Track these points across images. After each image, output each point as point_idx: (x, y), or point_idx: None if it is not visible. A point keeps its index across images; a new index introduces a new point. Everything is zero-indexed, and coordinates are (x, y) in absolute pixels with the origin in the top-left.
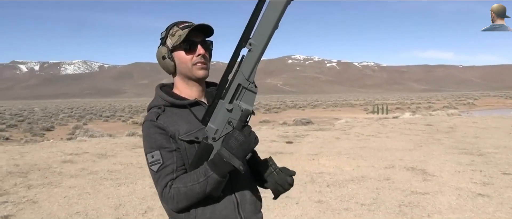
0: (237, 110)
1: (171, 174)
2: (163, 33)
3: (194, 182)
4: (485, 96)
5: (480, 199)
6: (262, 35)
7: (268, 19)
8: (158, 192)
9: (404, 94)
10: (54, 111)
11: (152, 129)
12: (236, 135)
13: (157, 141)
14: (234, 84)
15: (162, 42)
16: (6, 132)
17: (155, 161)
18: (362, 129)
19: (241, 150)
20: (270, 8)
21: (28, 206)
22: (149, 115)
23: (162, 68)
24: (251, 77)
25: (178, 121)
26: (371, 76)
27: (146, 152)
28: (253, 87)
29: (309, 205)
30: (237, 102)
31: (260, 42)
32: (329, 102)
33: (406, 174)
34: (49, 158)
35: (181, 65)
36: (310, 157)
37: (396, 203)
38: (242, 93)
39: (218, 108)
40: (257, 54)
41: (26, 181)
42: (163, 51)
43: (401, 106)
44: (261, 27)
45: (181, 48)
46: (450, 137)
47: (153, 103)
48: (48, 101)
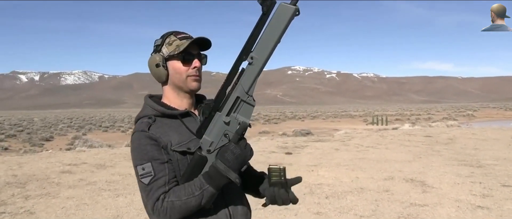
0: (234, 123)
1: (163, 187)
2: (158, 40)
3: (189, 195)
4: (485, 108)
5: (479, 211)
6: (264, 49)
7: (271, 33)
8: (148, 205)
9: (403, 105)
10: (54, 121)
11: (143, 140)
12: (232, 148)
13: (149, 152)
14: (233, 97)
15: (157, 50)
16: (5, 142)
17: (146, 173)
18: (361, 140)
19: (236, 163)
20: (274, 22)
21: (25, 217)
22: (139, 125)
23: (153, 75)
24: (251, 90)
25: (169, 132)
26: (370, 87)
27: (135, 164)
28: (252, 100)
29: (308, 216)
30: (234, 115)
31: (262, 56)
32: (329, 113)
33: (405, 186)
34: (48, 168)
35: (175, 75)
36: (309, 168)
37: (395, 215)
38: (240, 106)
39: (214, 120)
40: (258, 68)
41: (24, 191)
42: (158, 58)
43: (401, 117)
44: (263, 41)
45: (177, 58)
46: (449, 148)
47: (142, 113)
48: (48, 111)
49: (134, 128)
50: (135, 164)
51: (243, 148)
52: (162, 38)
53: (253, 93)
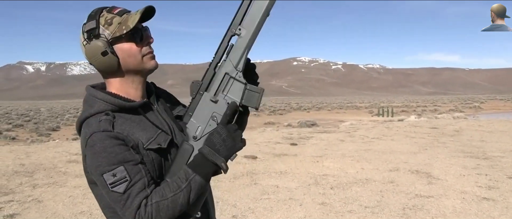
0: (223, 103)
1: (144, 191)
2: (89, 23)
3: (175, 191)
4: (492, 100)
5: (485, 203)
6: (252, 21)
7: (259, 5)
8: (129, 217)
9: (409, 97)
10: (60, 111)
11: (108, 141)
12: (219, 129)
13: (118, 154)
14: (220, 74)
15: (93, 35)
16: (13, 132)
17: (118, 180)
18: (367, 131)
19: (224, 147)
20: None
21: (33, 205)
22: (97, 125)
23: (98, 67)
24: (240, 65)
25: (134, 129)
26: (376, 78)
27: (101, 172)
28: (241, 76)
29: (313, 207)
30: (222, 95)
31: (250, 27)
32: (334, 104)
33: (411, 177)
34: (55, 158)
35: (129, 59)
36: (314, 159)
37: (400, 206)
38: (229, 83)
39: (201, 101)
40: (246, 40)
41: (32, 180)
42: (101, 44)
43: (407, 109)
44: (252, 12)
45: (126, 38)
46: (455, 140)
47: (93, 109)
48: (54, 102)
49: (88, 129)
50: (101, 172)
51: (232, 131)
52: (93, 19)
53: (242, 69)
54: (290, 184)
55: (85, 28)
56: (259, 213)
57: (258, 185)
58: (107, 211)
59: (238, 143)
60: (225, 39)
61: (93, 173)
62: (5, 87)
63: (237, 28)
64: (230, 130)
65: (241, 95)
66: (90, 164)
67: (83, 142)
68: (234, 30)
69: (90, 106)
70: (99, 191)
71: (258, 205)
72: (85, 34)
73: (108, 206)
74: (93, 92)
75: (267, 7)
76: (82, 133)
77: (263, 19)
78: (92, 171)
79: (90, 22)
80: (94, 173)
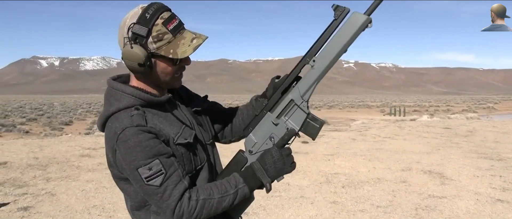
0: (282, 127)
1: (181, 183)
2: (140, 27)
3: (223, 193)
4: (506, 100)
5: (499, 205)
6: (328, 55)
7: (338, 40)
8: (168, 209)
9: (422, 97)
10: (73, 106)
11: (142, 135)
12: (273, 151)
13: (153, 148)
14: (287, 99)
15: (140, 42)
16: (27, 125)
17: (154, 173)
18: (378, 130)
19: (273, 169)
20: (344, 30)
21: (46, 199)
22: (130, 119)
23: (128, 67)
24: (306, 95)
25: (162, 123)
26: (388, 77)
27: (136, 167)
28: (305, 106)
29: (324, 205)
30: (284, 119)
31: (324, 61)
32: (346, 103)
33: (423, 177)
34: (68, 152)
35: (160, 75)
36: (326, 157)
37: (413, 206)
38: (293, 110)
39: (263, 120)
40: (318, 73)
41: (45, 174)
42: (142, 56)
43: (419, 109)
44: (329, 47)
45: (167, 59)
46: (469, 141)
47: (122, 104)
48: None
49: (119, 123)
50: (135, 167)
51: (285, 156)
52: (147, 25)
53: (308, 99)
54: (302, 182)
55: (134, 29)
56: (270, 211)
57: None
58: (135, 205)
59: (287, 167)
60: (298, 66)
61: (125, 168)
62: (20, 81)
63: (312, 59)
64: (283, 153)
65: (301, 124)
66: (123, 159)
67: (112, 137)
68: (308, 60)
69: (117, 100)
70: (126, 186)
71: (270, 202)
72: (131, 34)
73: (137, 200)
74: (121, 87)
75: (345, 46)
76: (111, 128)
77: (339, 56)
78: (125, 166)
79: (142, 27)
80: (127, 168)
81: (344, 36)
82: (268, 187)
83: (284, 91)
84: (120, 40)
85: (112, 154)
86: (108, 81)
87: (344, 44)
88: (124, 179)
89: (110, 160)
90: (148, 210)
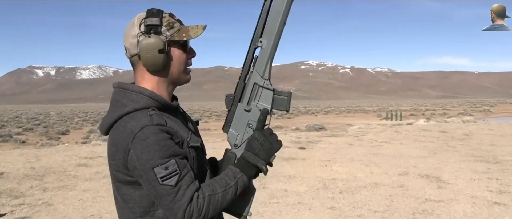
0: (256, 111)
1: (193, 184)
2: (152, 19)
3: (225, 187)
4: (502, 103)
5: (496, 208)
6: (271, 31)
7: (275, 15)
8: (179, 210)
9: (418, 101)
10: (70, 115)
11: (161, 135)
12: (256, 135)
13: (171, 148)
14: (250, 84)
15: (155, 31)
16: (23, 135)
17: (170, 173)
18: (375, 135)
19: (262, 151)
20: (276, 6)
21: (43, 209)
22: (149, 118)
23: (147, 62)
24: (266, 74)
25: (176, 126)
26: (384, 82)
27: (152, 166)
28: (269, 84)
29: (322, 211)
30: (255, 103)
31: (270, 38)
32: (342, 108)
33: (420, 182)
34: (64, 161)
35: (176, 65)
36: (323, 163)
37: (410, 211)
38: (259, 92)
39: (237, 112)
40: (268, 50)
41: (42, 184)
42: (161, 42)
43: (416, 113)
44: (269, 24)
45: (181, 46)
46: (465, 144)
47: (139, 105)
48: (64, 106)
49: (137, 122)
50: (152, 166)
51: (268, 135)
52: (157, 16)
53: (269, 77)
54: (299, 188)
55: (146, 22)
56: (268, 217)
57: (266, 189)
58: (139, 211)
59: (275, 144)
60: (250, 52)
61: (138, 168)
62: (15, 91)
63: (259, 40)
64: (266, 134)
65: (271, 101)
66: (137, 158)
67: (127, 136)
68: (256, 43)
69: (132, 101)
70: (131, 191)
71: (267, 209)
72: (144, 27)
73: (142, 205)
74: (138, 88)
75: (282, 18)
76: (125, 127)
77: (281, 29)
78: (138, 165)
79: (153, 18)
80: (141, 168)
81: (278, 11)
82: (265, 169)
83: (245, 79)
84: (131, 42)
85: (124, 154)
86: (120, 84)
87: (281, 18)
88: (130, 183)
89: (118, 163)
90: (152, 216)
